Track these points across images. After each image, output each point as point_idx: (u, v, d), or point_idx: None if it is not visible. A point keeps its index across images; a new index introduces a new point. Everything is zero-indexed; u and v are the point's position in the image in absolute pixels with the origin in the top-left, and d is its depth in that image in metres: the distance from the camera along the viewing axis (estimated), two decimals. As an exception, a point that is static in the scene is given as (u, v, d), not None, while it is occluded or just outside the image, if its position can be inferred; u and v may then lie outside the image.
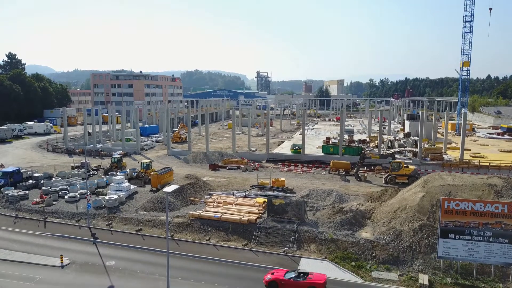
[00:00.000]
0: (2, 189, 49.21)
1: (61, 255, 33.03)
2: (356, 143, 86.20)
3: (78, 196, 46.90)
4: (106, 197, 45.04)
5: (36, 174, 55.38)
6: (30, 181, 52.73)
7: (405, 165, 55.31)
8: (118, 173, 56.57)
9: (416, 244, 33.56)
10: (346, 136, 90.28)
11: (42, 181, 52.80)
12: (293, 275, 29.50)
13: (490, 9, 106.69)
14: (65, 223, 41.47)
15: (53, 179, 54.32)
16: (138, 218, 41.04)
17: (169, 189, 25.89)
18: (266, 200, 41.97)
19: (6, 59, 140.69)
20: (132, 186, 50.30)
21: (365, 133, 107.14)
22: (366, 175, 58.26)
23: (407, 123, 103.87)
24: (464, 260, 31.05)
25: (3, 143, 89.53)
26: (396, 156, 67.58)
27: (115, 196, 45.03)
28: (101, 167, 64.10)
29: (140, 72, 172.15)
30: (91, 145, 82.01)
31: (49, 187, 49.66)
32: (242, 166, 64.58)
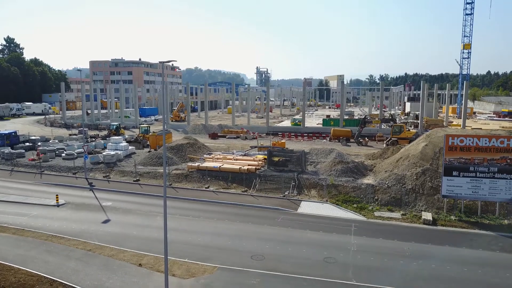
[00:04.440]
0: (-2, 149, 48.49)
1: (57, 195, 32.39)
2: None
3: (76, 154, 46.19)
4: (104, 153, 44.33)
5: (33, 137, 54.72)
6: (27, 144, 52.04)
7: (407, 129, 54.71)
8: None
9: (419, 187, 32.88)
10: (346, 117, 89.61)
11: (39, 143, 52.11)
12: None
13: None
14: (61, 175, 40.83)
15: (50, 141, 53.63)
16: (136, 171, 40.38)
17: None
18: (266, 156, 41.26)
19: (4, 43, 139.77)
20: (130, 147, 49.60)
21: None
22: (367, 139, 57.66)
23: (407, 104, 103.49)
24: (468, 198, 30.34)
25: (0, 120, 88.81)
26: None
27: (112, 152, 44.32)
28: (99, 136, 63.43)
29: (139, 59, 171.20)
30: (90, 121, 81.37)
31: (46, 148, 48.98)
32: (241, 135, 63.94)
